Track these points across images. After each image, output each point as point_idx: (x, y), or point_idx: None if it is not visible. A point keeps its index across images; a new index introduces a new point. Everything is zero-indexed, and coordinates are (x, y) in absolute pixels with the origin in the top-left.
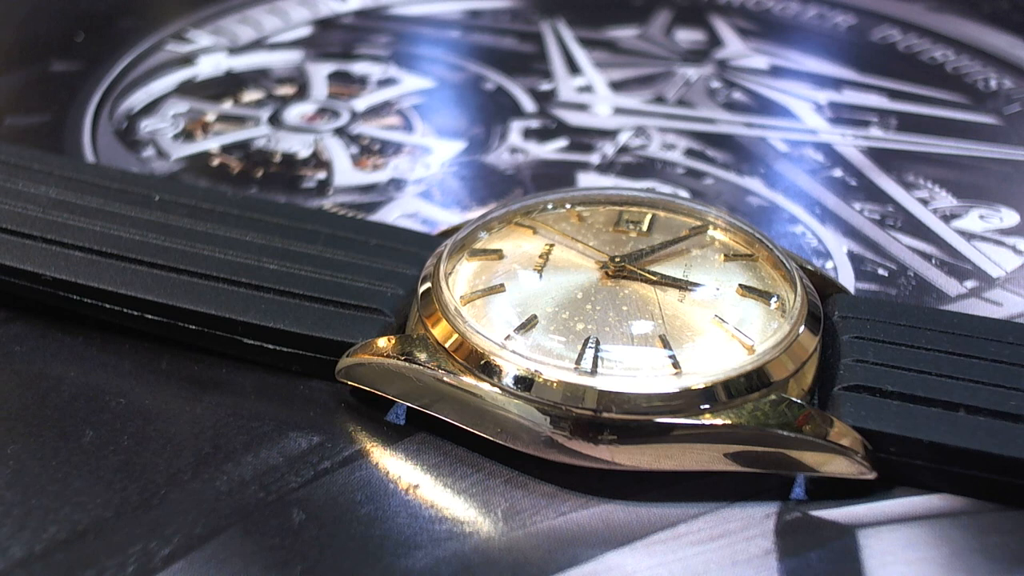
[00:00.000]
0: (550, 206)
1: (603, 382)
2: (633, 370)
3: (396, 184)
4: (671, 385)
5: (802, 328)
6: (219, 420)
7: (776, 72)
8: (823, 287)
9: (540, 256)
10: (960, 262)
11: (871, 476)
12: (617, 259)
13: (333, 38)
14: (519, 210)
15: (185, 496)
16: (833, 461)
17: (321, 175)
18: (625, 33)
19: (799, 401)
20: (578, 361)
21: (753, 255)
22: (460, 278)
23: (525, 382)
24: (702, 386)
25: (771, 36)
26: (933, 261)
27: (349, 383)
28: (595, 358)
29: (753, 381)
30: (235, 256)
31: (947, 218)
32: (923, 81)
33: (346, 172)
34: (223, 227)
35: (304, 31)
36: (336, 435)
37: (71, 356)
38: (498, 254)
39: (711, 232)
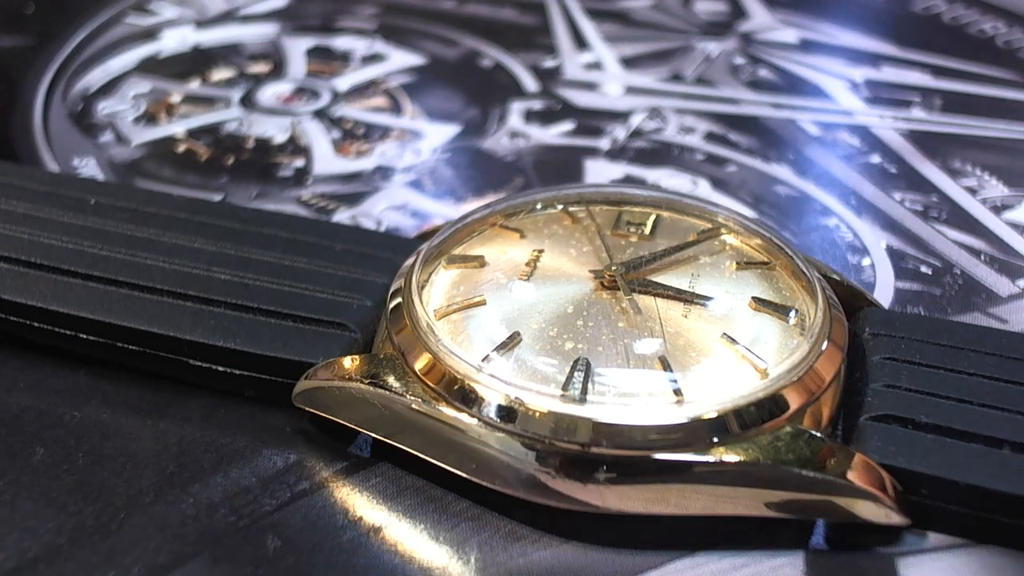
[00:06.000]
0: (539, 206)
1: (593, 411)
2: (629, 397)
3: (383, 172)
4: (672, 415)
5: (824, 347)
6: (185, 436)
7: (807, 47)
8: (851, 300)
9: (527, 264)
10: (1012, 258)
11: (901, 522)
12: (614, 268)
13: (312, 9)
14: (504, 211)
15: (147, 520)
16: (857, 505)
17: (299, 162)
18: (638, 3)
19: (818, 434)
20: (566, 386)
21: (770, 263)
22: (435, 289)
23: (504, 411)
24: (706, 416)
25: (802, 7)
26: (982, 257)
27: (308, 409)
28: (585, 383)
29: (765, 410)
30: (180, 266)
31: (998, 209)
32: (971, 56)
33: (327, 159)
34: (167, 233)
35: (280, 1)
36: (316, 453)
37: (19, 365)
38: (479, 261)
39: (723, 236)
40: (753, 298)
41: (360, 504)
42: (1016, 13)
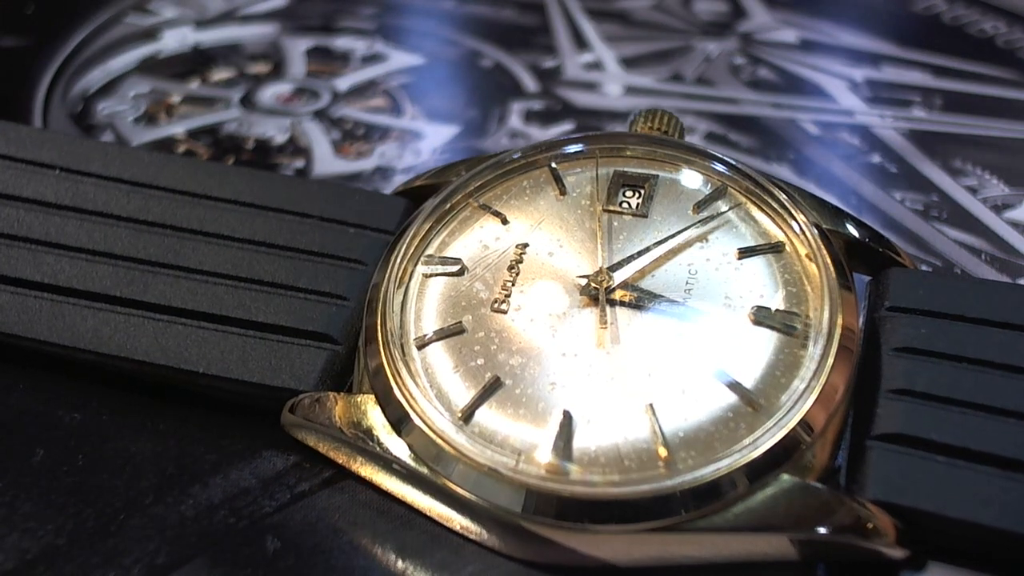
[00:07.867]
0: (520, 160)
1: (576, 489)
2: (614, 464)
3: (383, 173)
4: (661, 486)
5: (830, 363)
6: (185, 437)
7: (807, 46)
8: (873, 258)
9: (509, 268)
10: (1013, 257)
11: (901, 556)
12: (600, 277)
13: (312, 9)
14: (482, 186)
15: (146, 522)
16: (857, 551)
17: (299, 163)
18: (639, 3)
19: (818, 486)
20: (551, 455)
21: (778, 245)
22: (410, 309)
23: (485, 485)
24: (698, 484)
25: (802, 6)
26: (983, 256)
27: (298, 439)
28: (568, 447)
29: (761, 466)
30: (122, 264)
31: (998, 208)
32: (971, 56)
33: (327, 159)
34: (104, 203)
35: (280, 1)
36: (315, 454)
37: (19, 367)
38: (458, 266)
39: (728, 199)
40: (755, 307)
41: (360, 506)
42: (1016, 13)
